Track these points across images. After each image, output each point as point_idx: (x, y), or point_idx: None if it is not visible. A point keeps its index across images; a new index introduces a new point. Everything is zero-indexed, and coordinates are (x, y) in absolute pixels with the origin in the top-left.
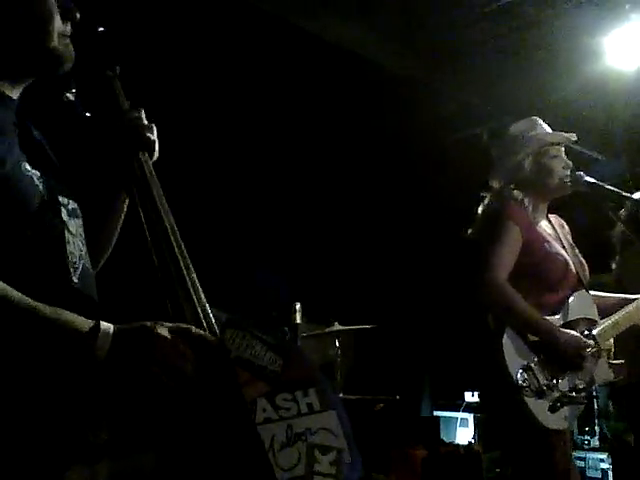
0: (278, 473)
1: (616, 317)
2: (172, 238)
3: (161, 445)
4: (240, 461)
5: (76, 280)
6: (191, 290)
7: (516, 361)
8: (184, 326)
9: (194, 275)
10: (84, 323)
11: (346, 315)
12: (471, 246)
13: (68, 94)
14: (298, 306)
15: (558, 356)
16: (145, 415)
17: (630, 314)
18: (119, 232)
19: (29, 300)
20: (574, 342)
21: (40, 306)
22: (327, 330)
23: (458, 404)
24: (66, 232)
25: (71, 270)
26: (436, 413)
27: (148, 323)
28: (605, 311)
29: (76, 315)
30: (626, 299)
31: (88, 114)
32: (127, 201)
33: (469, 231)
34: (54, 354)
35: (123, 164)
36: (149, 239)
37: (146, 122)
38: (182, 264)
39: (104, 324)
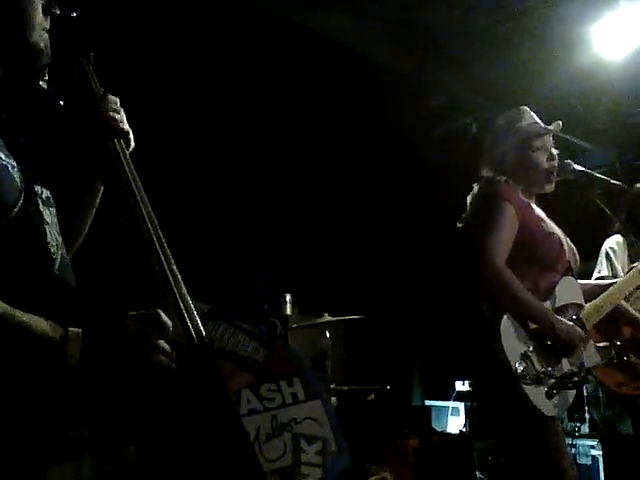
0: (265, 464)
1: (599, 301)
2: (150, 227)
3: (143, 438)
4: (226, 454)
5: (56, 270)
6: (171, 281)
7: (514, 348)
8: (152, 312)
9: (174, 266)
10: (55, 332)
11: (336, 306)
12: (461, 235)
13: (41, 82)
14: (288, 297)
15: (553, 343)
16: (126, 409)
17: (612, 296)
18: (96, 221)
19: (3, 305)
20: (569, 329)
21: (12, 312)
22: (317, 321)
23: (449, 393)
24: (43, 222)
25: (52, 259)
26: (427, 402)
27: (116, 318)
28: (589, 297)
29: (48, 323)
30: (602, 285)
31: (61, 102)
32: (101, 190)
33: (460, 220)
34: (28, 360)
35: (97, 152)
36: (125, 228)
37: (121, 110)
38: (161, 254)
39: (72, 330)
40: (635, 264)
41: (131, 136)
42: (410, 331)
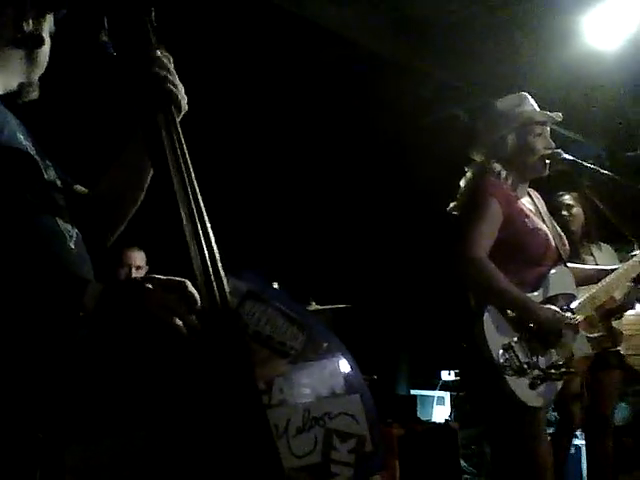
0: (291, 460)
1: (594, 291)
2: (190, 195)
3: (154, 423)
4: (241, 445)
5: (73, 246)
6: (207, 260)
7: (497, 340)
8: (178, 279)
9: (215, 250)
10: (74, 275)
11: (324, 295)
12: (450, 222)
13: (102, 35)
14: (275, 286)
15: (538, 333)
16: (138, 389)
17: (608, 286)
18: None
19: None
20: (554, 318)
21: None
22: None
23: (435, 383)
24: (58, 200)
25: (67, 237)
26: (413, 392)
27: (138, 277)
28: (584, 283)
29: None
30: (604, 270)
31: (119, 57)
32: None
33: (451, 206)
34: (45, 305)
35: (147, 114)
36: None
37: (175, 75)
38: (200, 229)
39: (93, 281)
40: (635, 252)
41: (184, 103)
42: (397, 321)
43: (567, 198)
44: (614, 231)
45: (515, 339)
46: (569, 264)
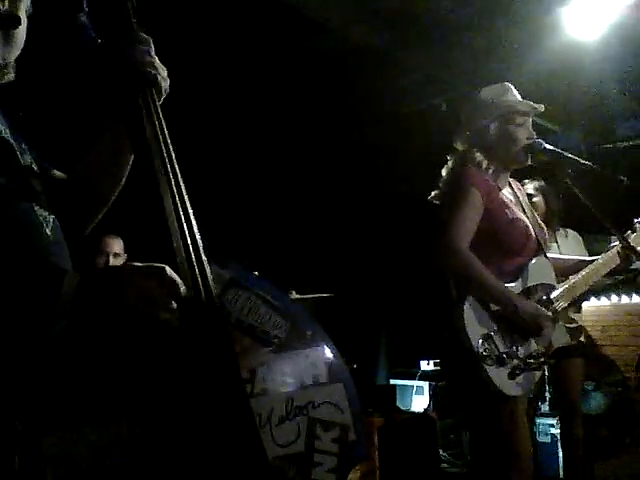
0: (274, 449)
1: (573, 281)
2: (172, 181)
3: (137, 413)
4: (224, 435)
5: (49, 233)
6: (190, 246)
7: (476, 329)
8: (157, 266)
9: (197, 236)
10: (51, 265)
11: (304, 284)
12: (432, 211)
13: (81, 16)
14: (256, 274)
15: (518, 324)
16: (120, 380)
17: (587, 277)
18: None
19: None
20: (533, 311)
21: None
22: None
23: (414, 372)
24: (35, 185)
25: (44, 223)
26: (392, 381)
27: (117, 265)
28: (564, 273)
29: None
30: (584, 261)
31: (99, 39)
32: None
33: (433, 195)
34: (21, 295)
35: (127, 96)
36: (143, 183)
37: (156, 58)
38: (184, 224)
39: (70, 271)
40: (614, 244)
41: (166, 85)
42: (376, 310)
43: (528, 187)
44: (583, 219)
45: (495, 329)
46: (552, 255)
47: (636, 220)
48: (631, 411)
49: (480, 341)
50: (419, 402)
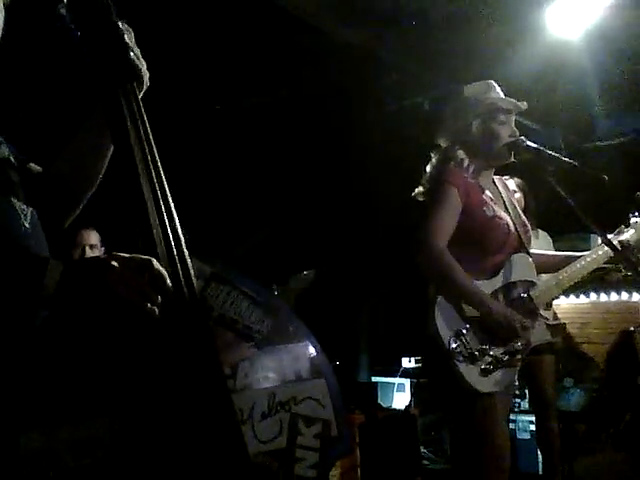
0: (256, 445)
1: (557, 278)
2: (155, 181)
3: (116, 410)
4: (206, 431)
5: (27, 225)
6: (170, 237)
7: (449, 327)
8: (144, 257)
9: (177, 226)
10: (35, 256)
11: (285, 279)
12: (415, 208)
13: (60, 7)
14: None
15: (489, 326)
16: (100, 374)
17: (572, 275)
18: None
19: None
20: (506, 316)
21: None
22: None
23: (395, 370)
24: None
25: (21, 215)
26: (374, 379)
27: (101, 256)
28: (551, 268)
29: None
30: (570, 257)
31: (78, 31)
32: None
33: (416, 192)
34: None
35: (107, 87)
36: (125, 177)
37: (137, 49)
38: (164, 213)
39: (53, 260)
40: (600, 244)
41: (145, 77)
42: (358, 307)
43: (510, 183)
44: (553, 220)
45: (467, 326)
46: (538, 251)
47: (631, 215)
48: (609, 408)
49: (452, 338)
50: (400, 399)
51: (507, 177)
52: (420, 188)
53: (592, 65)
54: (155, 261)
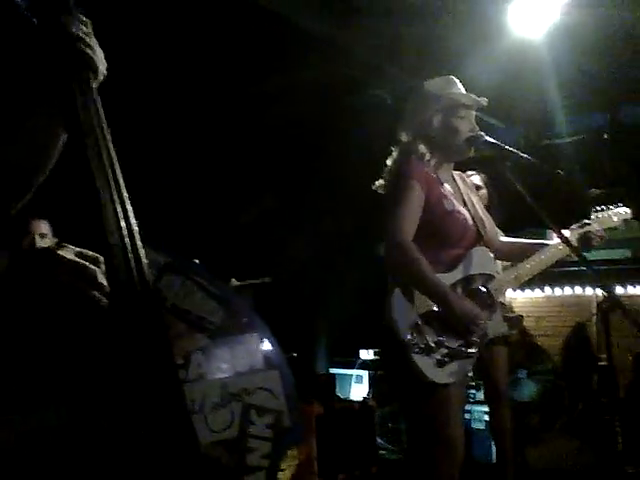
0: (207, 435)
1: (516, 272)
2: (108, 171)
3: (66, 400)
4: (156, 421)
5: None
6: (124, 228)
7: (405, 318)
8: (91, 253)
9: (131, 218)
10: None
11: (244, 272)
12: (377, 201)
13: None
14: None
15: (452, 323)
16: (51, 364)
17: (532, 268)
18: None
19: None
20: (469, 316)
21: None
22: None
23: (354, 361)
24: None
25: None
26: (332, 370)
27: (49, 246)
28: (518, 257)
29: None
30: (537, 244)
31: (34, 18)
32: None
33: (377, 185)
34: None
35: (61, 76)
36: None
37: (93, 39)
38: (118, 204)
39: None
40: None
41: (102, 69)
42: (316, 299)
43: (476, 179)
44: (511, 215)
45: (425, 318)
46: (504, 238)
47: (593, 210)
48: (561, 398)
49: (408, 330)
50: (358, 391)
51: (472, 172)
52: (381, 181)
53: (552, 63)
54: (101, 258)
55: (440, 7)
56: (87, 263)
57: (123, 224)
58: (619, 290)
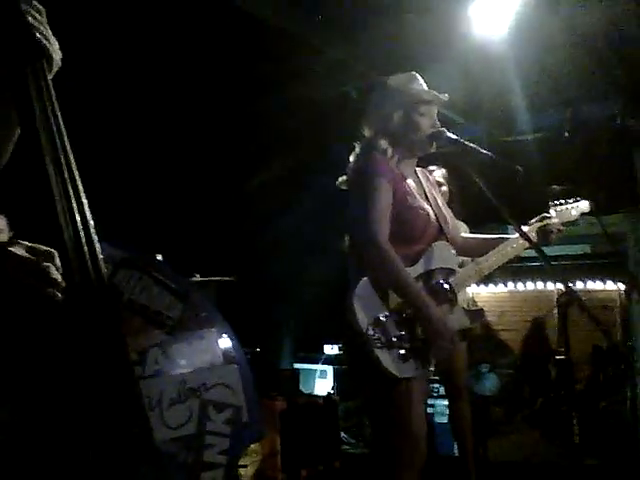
0: (164, 432)
1: (476, 266)
2: (62, 157)
3: (16, 395)
4: (110, 418)
5: None
6: (78, 222)
7: (367, 313)
8: (45, 248)
9: (87, 211)
10: None
11: (207, 267)
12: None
13: None
14: (160, 258)
15: (423, 327)
16: (2, 361)
17: (491, 263)
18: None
19: None
20: (446, 333)
21: None
22: None
23: (318, 356)
24: None
25: None
26: (296, 365)
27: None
28: (479, 252)
29: None
30: (496, 239)
31: None
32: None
33: (340, 181)
34: None
35: (14, 65)
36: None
37: (45, 24)
38: (73, 199)
39: None
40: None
41: (57, 58)
42: (280, 294)
43: (437, 175)
44: (471, 210)
45: (386, 314)
46: (467, 234)
47: (551, 203)
48: (522, 391)
49: (370, 325)
50: (322, 386)
51: (434, 168)
52: (344, 177)
53: (513, 60)
54: (57, 254)
55: (403, 4)
56: (38, 259)
57: (78, 218)
58: (579, 285)
